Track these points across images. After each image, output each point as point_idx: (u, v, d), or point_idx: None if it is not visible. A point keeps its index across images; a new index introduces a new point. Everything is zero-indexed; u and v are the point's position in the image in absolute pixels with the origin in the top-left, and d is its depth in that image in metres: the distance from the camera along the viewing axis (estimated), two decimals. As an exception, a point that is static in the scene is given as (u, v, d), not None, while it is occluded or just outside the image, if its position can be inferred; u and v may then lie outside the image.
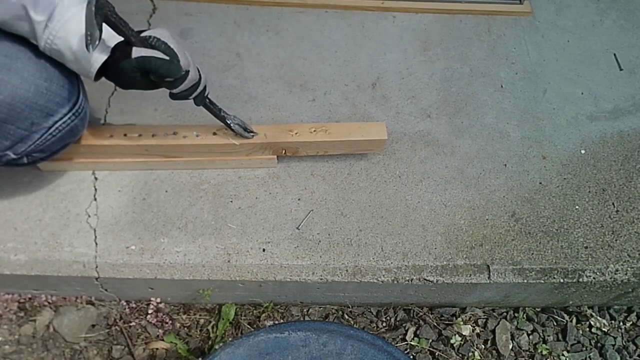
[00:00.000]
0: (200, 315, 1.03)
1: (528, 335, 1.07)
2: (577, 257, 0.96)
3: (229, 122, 0.90)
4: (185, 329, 1.02)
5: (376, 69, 1.19)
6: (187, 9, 1.24)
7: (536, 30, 1.29)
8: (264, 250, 0.93)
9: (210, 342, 1.00)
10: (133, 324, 1.01)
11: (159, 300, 1.01)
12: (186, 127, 0.94)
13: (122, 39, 0.75)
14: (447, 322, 1.06)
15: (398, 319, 1.06)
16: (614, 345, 1.07)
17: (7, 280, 0.92)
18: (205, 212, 0.95)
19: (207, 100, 0.86)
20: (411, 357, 1.02)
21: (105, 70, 0.77)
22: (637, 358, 1.07)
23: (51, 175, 0.97)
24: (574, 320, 1.09)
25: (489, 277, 0.93)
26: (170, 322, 1.01)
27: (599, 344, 1.07)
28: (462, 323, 1.05)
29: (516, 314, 1.09)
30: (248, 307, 1.04)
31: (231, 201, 0.97)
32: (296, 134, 0.95)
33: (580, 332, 1.08)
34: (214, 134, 0.93)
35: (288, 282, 0.92)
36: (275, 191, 0.99)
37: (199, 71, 0.80)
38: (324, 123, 0.98)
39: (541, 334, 1.07)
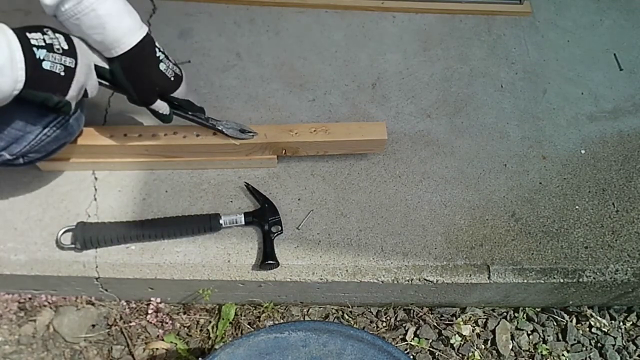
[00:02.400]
0: (200, 315, 1.03)
1: (528, 335, 1.07)
2: (577, 257, 0.96)
3: (220, 128, 0.90)
4: (185, 329, 1.02)
5: (376, 69, 1.19)
6: (187, 9, 1.24)
7: (536, 30, 1.29)
8: (264, 250, 0.93)
9: (210, 342, 1.00)
10: (133, 324, 1.01)
11: (159, 300, 1.01)
12: (186, 127, 0.94)
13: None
14: (447, 322, 1.06)
15: (398, 319, 1.06)
16: (614, 345, 1.07)
17: (7, 280, 0.92)
18: (205, 212, 0.95)
19: (182, 114, 0.87)
20: (411, 357, 1.02)
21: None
22: (637, 358, 1.07)
23: (51, 175, 0.97)
24: (574, 320, 1.09)
25: (489, 277, 0.93)
26: (170, 322, 1.01)
27: (599, 344, 1.07)
28: (462, 323, 1.05)
29: (516, 314, 1.08)
30: (248, 307, 1.04)
31: (231, 201, 0.97)
32: (296, 134, 0.95)
33: (580, 332, 1.08)
34: (214, 134, 0.93)
35: (288, 282, 0.92)
36: (275, 191, 0.99)
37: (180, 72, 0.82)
38: (324, 123, 0.98)
39: (541, 334, 1.07)
